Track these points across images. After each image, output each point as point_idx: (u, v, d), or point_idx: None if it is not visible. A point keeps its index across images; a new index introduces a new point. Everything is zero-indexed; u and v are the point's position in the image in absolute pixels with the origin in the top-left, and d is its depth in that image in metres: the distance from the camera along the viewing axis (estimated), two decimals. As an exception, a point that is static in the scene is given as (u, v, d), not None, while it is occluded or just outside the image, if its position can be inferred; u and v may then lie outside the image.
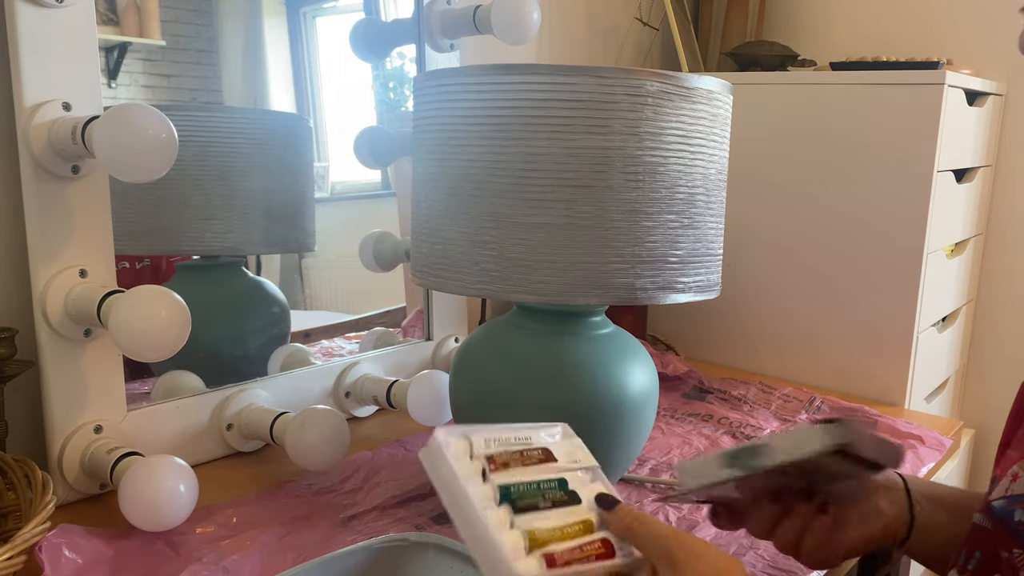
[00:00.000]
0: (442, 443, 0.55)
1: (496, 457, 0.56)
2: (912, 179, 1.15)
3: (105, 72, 0.85)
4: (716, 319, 1.36)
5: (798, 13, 1.63)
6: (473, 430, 0.57)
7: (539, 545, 0.50)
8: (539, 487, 0.55)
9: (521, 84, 0.68)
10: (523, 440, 0.58)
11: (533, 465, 0.56)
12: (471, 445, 0.56)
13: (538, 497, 0.54)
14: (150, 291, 0.68)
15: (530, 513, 0.53)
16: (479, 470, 0.54)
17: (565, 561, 0.50)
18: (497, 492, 0.53)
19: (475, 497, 0.52)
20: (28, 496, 0.67)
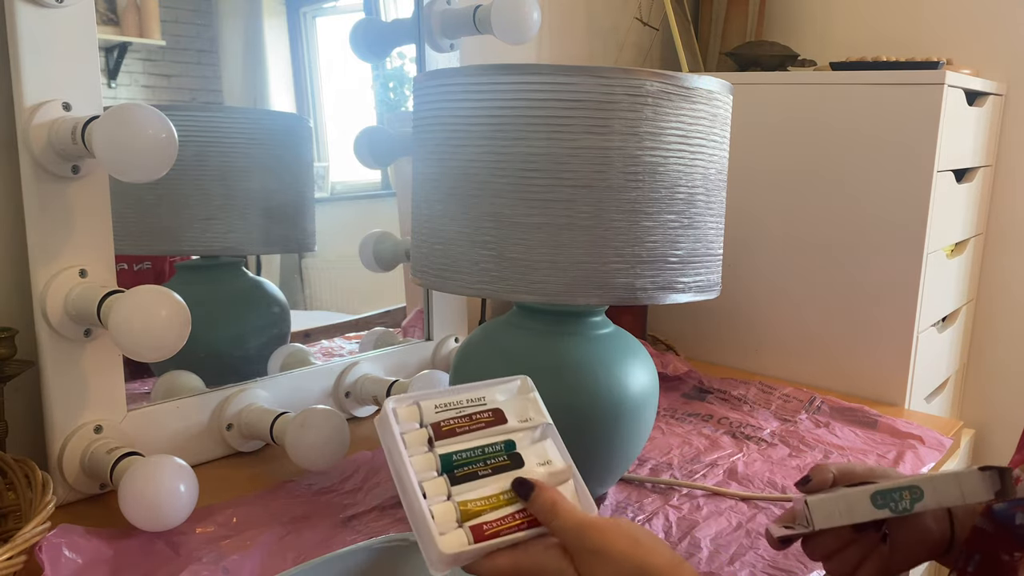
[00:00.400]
0: (390, 411, 0.55)
1: (443, 424, 0.56)
2: (912, 179, 1.15)
3: (105, 72, 0.85)
4: (716, 319, 1.36)
5: (798, 13, 1.63)
6: (425, 395, 0.57)
7: (470, 516, 0.51)
8: (483, 452, 0.55)
9: (521, 84, 0.68)
10: (476, 401, 0.58)
11: (480, 429, 0.57)
12: (420, 411, 0.56)
13: (479, 464, 0.54)
14: (150, 291, 0.68)
15: (469, 482, 0.53)
16: (424, 438, 0.55)
17: (493, 532, 0.50)
18: (439, 461, 0.54)
19: (415, 468, 0.53)
20: (28, 496, 0.67)
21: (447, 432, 0.56)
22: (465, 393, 0.59)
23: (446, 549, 0.49)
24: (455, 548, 0.49)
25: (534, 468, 0.55)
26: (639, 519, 0.79)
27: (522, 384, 0.61)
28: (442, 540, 0.49)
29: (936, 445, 1.02)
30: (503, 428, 0.57)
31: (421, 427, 0.56)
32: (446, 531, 0.50)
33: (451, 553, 0.49)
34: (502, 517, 0.51)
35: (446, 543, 0.49)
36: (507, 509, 0.52)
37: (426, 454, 0.54)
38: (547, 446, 0.58)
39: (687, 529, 0.78)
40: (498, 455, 0.56)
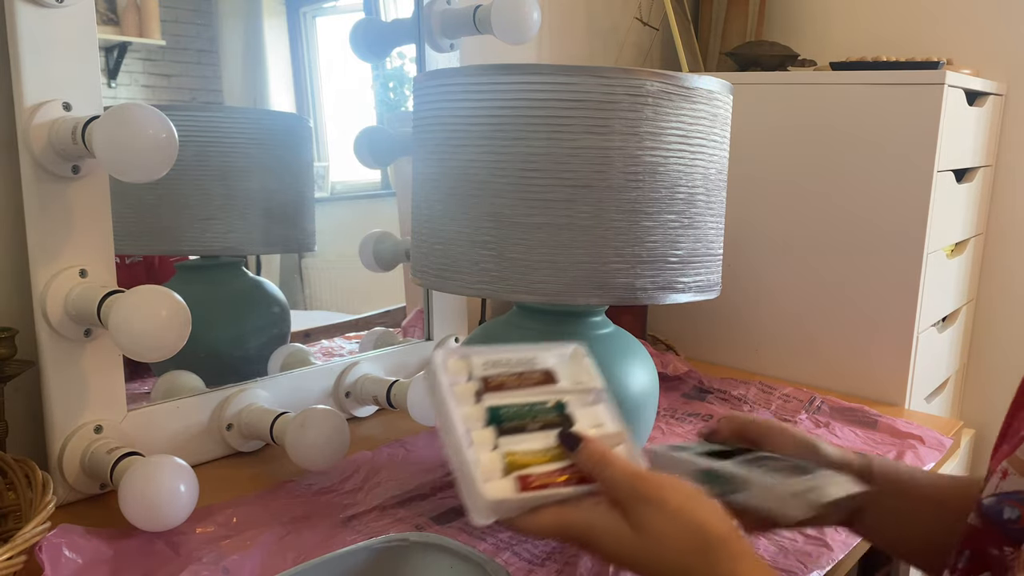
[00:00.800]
0: (439, 364, 0.55)
1: (492, 379, 0.55)
2: (912, 179, 1.15)
3: (105, 72, 0.85)
4: (716, 319, 1.36)
5: (798, 13, 1.63)
6: (475, 351, 0.56)
7: (517, 468, 0.50)
8: (531, 408, 0.54)
9: (521, 84, 0.68)
10: (526, 361, 0.57)
11: (530, 387, 0.56)
12: (470, 365, 0.56)
13: (527, 419, 0.53)
14: (150, 291, 0.68)
15: (516, 435, 0.52)
16: (473, 391, 0.54)
17: (540, 484, 0.49)
18: (486, 414, 0.53)
19: (462, 418, 0.52)
20: (28, 496, 0.67)
21: (496, 387, 0.55)
22: (516, 353, 0.58)
23: (490, 495, 0.48)
24: (499, 495, 0.48)
25: (585, 429, 0.54)
26: (639, 519, 0.79)
27: (575, 350, 0.60)
28: (487, 487, 0.48)
29: (936, 445, 1.02)
30: (554, 388, 0.56)
31: (470, 380, 0.55)
32: (491, 479, 0.49)
33: (495, 499, 0.48)
34: (549, 471, 0.50)
35: (491, 489, 0.48)
36: (555, 465, 0.51)
37: (474, 406, 0.53)
38: (599, 410, 0.56)
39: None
40: (547, 412, 0.54)
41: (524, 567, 0.69)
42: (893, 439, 1.04)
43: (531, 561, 0.70)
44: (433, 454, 0.92)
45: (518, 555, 0.71)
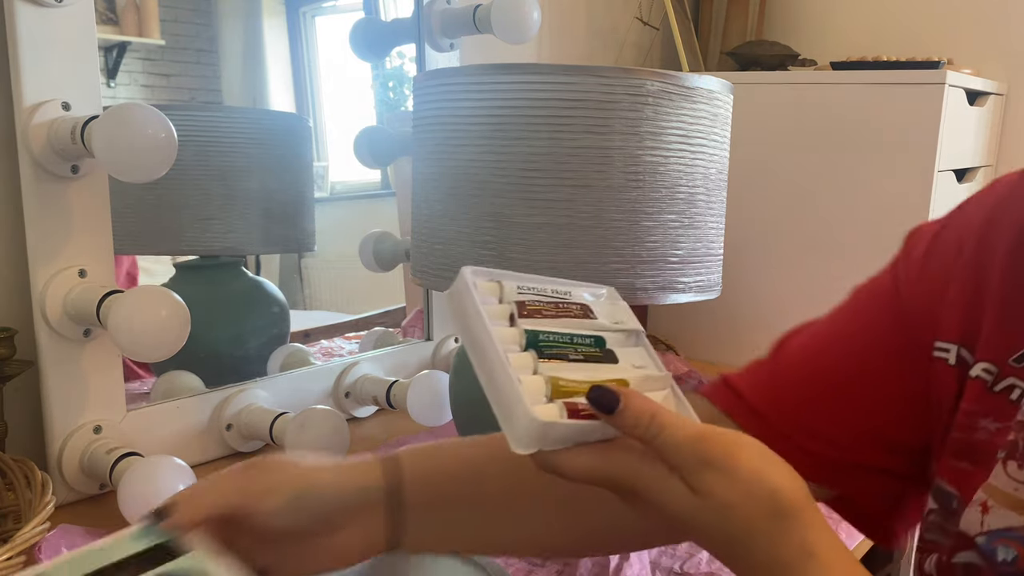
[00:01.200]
0: (469, 282, 0.49)
1: (528, 304, 0.50)
2: (913, 179, 1.15)
3: (104, 72, 0.85)
4: (716, 319, 1.36)
5: (798, 13, 1.63)
6: (505, 275, 0.51)
7: (562, 395, 0.43)
8: (572, 339, 0.48)
9: (521, 84, 0.68)
10: (561, 294, 0.52)
11: (568, 318, 0.50)
12: (502, 289, 0.50)
13: (569, 348, 0.47)
14: (150, 291, 0.68)
15: (558, 362, 0.46)
16: (507, 314, 0.48)
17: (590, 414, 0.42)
18: (524, 337, 0.47)
19: (497, 337, 0.45)
20: (27, 496, 0.67)
21: (532, 312, 0.49)
22: (549, 284, 0.52)
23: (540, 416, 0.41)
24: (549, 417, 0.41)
25: (629, 367, 0.48)
26: (639, 519, 0.78)
27: (610, 292, 0.55)
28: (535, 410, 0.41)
29: (936, 445, 1.02)
30: (593, 323, 0.50)
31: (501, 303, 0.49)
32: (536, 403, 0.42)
33: (545, 421, 0.41)
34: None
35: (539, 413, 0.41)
36: None
37: (509, 328, 0.47)
38: (640, 352, 0.51)
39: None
40: (589, 346, 0.48)
41: (524, 567, 0.69)
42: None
43: (531, 561, 0.70)
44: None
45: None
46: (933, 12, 1.50)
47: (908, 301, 0.52)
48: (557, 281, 0.52)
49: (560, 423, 0.41)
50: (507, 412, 0.43)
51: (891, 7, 1.54)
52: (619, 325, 0.51)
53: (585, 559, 0.70)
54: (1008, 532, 0.44)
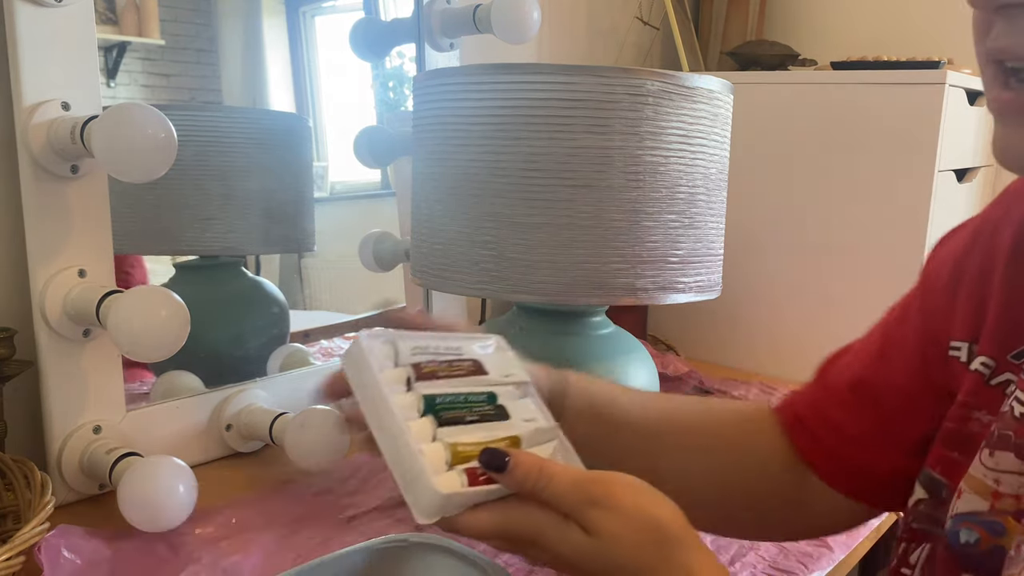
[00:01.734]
0: (365, 348, 0.50)
1: (423, 366, 0.51)
2: (913, 179, 1.15)
3: (104, 72, 0.85)
4: (716, 319, 1.36)
5: (798, 12, 1.63)
6: (400, 335, 0.52)
7: (461, 460, 0.46)
8: (466, 399, 0.50)
9: (521, 84, 0.68)
10: (453, 350, 0.54)
11: (461, 376, 0.52)
12: (397, 352, 0.51)
13: (464, 410, 0.49)
14: (150, 291, 0.68)
15: (455, 426, 0.48)
16: (403, 378, 0.50)
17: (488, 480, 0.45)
18: (421, 402, 0.48)
19: (397, 406, 0.47)
20: (27, 497, 0.67)
21: (428, 375, 0.50)
22: (441, 341, 0.54)
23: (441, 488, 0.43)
24: (450, 488, 0.43)
25: (519, 422, 0.51)
26: (639, 520, 0.78)
27: (497, 342, 0.57)
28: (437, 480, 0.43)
29: (937, 445, 1.02)
30: (484, 379, 0.53)
31: (397, 367, 0.51)
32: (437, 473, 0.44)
33: (446, 493, 0.43)
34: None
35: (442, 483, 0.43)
36: None
37: (407, 393, 0.49)
38: (529, 404, 0.53)
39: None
40: (482, 404, 0.51)
41: (524, 567, 0.69)
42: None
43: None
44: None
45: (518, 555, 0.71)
46: (933, 12, 1.50)
47: (930, 306, 0.53)
48: (448, 336, 0.55)
49: (460, 492, 0.43)
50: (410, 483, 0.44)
51: (891, 7, 1.54)
52: (509, 378, 0.54)
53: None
54: (972, 516, 0.45)
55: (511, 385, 0.54)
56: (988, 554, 0.44)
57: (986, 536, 0.44)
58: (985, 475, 0.45)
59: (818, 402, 0.60)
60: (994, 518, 0.44)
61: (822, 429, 0.58)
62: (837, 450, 0.57)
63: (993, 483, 0.44)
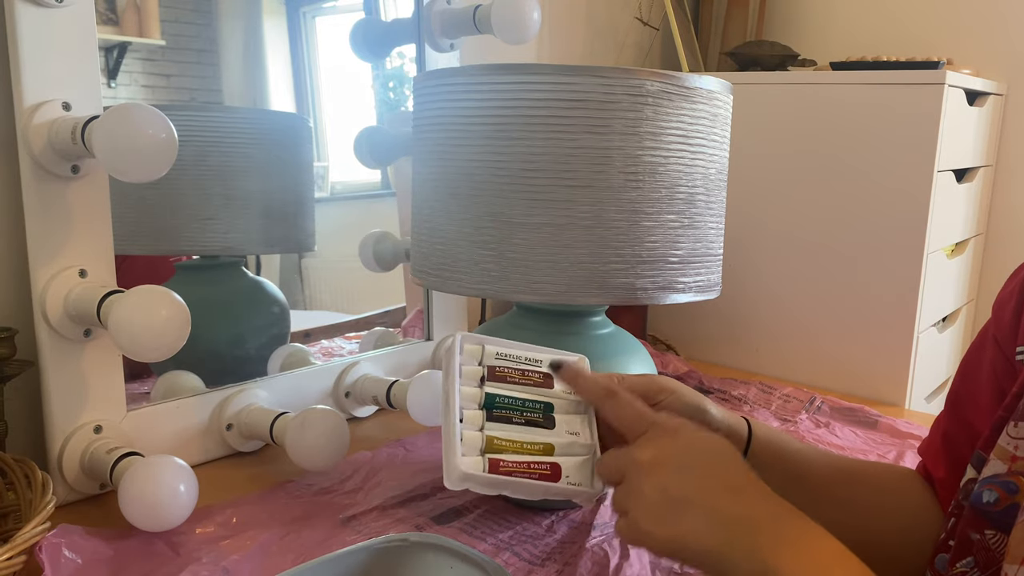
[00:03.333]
0: (458, 344, 0.62)
1: (498, 369, 0.62)
2: (912, 179, 1.15)
3: (105, 72, 0.85)
4: (716, 319, 1.36)
5: (798, 13, 1.63)
6: (490, 340, 0.64)
7: (493, 450, 0.57)
8: (523, 404, 0.61)
9: (521, 84, 0.68)
10: (532, 360, 0.64)
11: (527, 385, 0.62)
12: (483, 352, 0.63)
13: (516, 412, 0.60)
14: (150, 291, 0.68)
15: (502, 424, 0.59)
16: (478, 375, 0.62)
17: (507, 471, 0.56)
18: (483, 398, 0.60)
19: (461, 396, 0.60)
20: (28, 496, 0.67)
21: (499, 377, 0.62)
22: (526, 351, 0.64)
23: (463, 467, 0.55)
24: (470, 469, 0.55)
25: (562, 433, 0.60)
26: (639, 519, 0.79)
27: (580, 360, 0.65)
28: (463, 460, 0.56)
29: (936, 445, 1.02)
30: (548, 391, 0.62)
31: (479, 365, 0.62)
32: (469, 455, 0.56)
33: (465, 472, 0.55)
34: (520, 461, 0.57)
35: (465, 462, 0.56)
36: (527, 457, 0.58)
37: (475, 388, 0.61)
38: (580, 420, 0.61)
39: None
40: (535, 411, 0.61)
41: (524, 567, 0.69)
42: (893, 439, 1.04)
43: (531, 561, 0.70)
44: (433, 454, 0.92)
45: (518, 555, 0.71)
46: (933, 12, 1.50)
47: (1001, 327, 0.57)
48: (533, 348, 0.65)
49: (476, 474, 0.55)
50: (447, 457, 0.57)
51: (891, 7, 1.54)
52: (570, 395, 0.62)
53: (585, 559, 0.70)
54: (994, 478, 0.50)
55: (572, 401, 0.62)
56: (1004, 512, 0.48)
57: (1003, 495, 0.49)
58: (1008, 443, 0.49)
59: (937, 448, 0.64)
60: (1009, 479, 0.49)
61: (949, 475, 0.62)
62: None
63: (1012, 449, 0.49)
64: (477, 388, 0.61)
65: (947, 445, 0.62)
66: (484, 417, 0.59)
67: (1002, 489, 0.49)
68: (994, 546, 0.49)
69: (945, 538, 0.54)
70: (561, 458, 0.58)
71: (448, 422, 0.58)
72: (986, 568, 0.50)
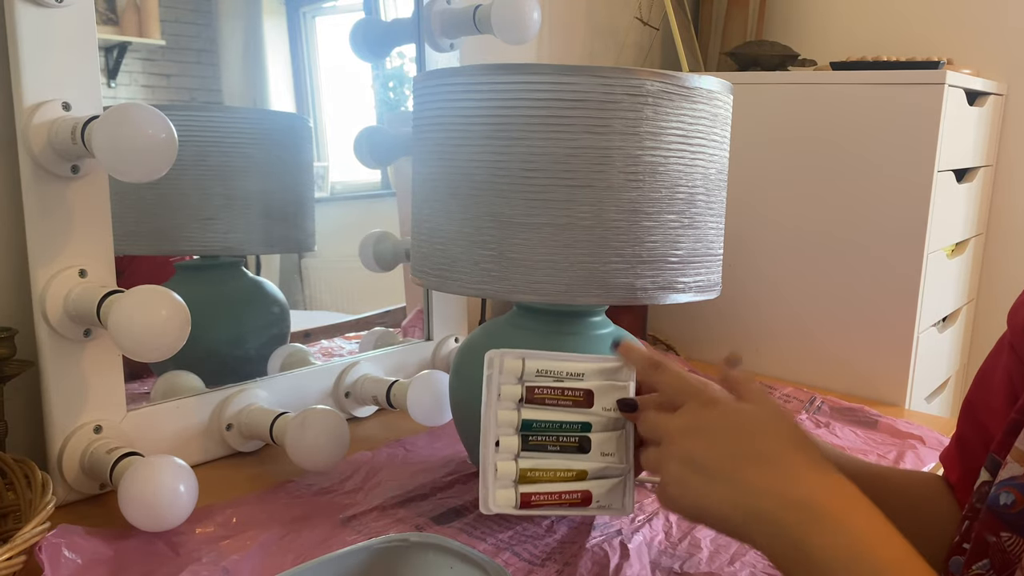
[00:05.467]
0: (496, 362, 0.64)
1: (536, 390, 0.63)
2: (912, 179, 1.15)
3: (105, 72, 0.85)
4: (716, 319, 1.36)
5: (798, 13, 1.63)
6: (532, 355, 0.65)
7: (527, 481, 0.60)
8: (560, 427, 0.63)
9: (521, 84, 0.68)
10: (574, 375, 0.65)
11: (567, 407, 0.64)
12: (523, 369, 0.64)
13: (552, 437, 0.63)
14: (150, 291, 0.68)
15: (537, 451, 0.62)
16: (517, 396, 0.63)
17: (539, 504, 0.60)
18: (520, 422, 0.62)
19: (499, 421, 0.62)
20: (28, 496, 0.67)
21: (538, 400, 0.63)
22: (567, 363, 0.65)
23: (494, 506, 0.59)
24: (502, 507, 0.60)
25: (596, 456, 0.63)
26: (639, 519, 0.79)
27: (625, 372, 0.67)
28: (496, 494, 0.60)
29: (936, 445, 1.02)
30: (586, 411, 0.64)
31: (519, 381, 0.63)
32: (503, 487, 0.60)
33: (497, 509, 0.60)
34: (552, 492, 0.60)
35: (498, 498, 0.60)
36: (560, 486, 0.61)
37: (512, 411, 0.63)
38: (617, 437, 0.64)
39: (687, 529, 0.78)
40: (571, 433, 0.63)
41: (524, 567, 0.69)
42: (893, 439, 1.04)
43: (531, 561, 0.70)
44: (433, 454, 0.92)
45: (518, 555, 0.71)
46: (933, 12, 1.50)
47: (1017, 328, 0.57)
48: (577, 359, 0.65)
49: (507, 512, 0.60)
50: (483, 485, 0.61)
51: (891, 7, 1.54)
52: (609, 411, 0.64)
53: (585, 559, 0.70)
54: (1012, 480, 0.50)
55: (609, 419, 0.64)
56: (1021, 514, 0.49)
57: (1020, 497, 0.49)
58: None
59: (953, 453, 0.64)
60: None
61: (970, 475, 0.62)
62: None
63: None
64: (514, 411, 0.63)
65: (962, 450, 0.62)
66: (519, 444, 0.62)
67: (1019, 491, 0.49)
68: (1010, 548, 0.49)
69: (959, 541, 0.54)
70: (593, 482, 0.61)
71: (485, 451, 0.61)
72: (1002, 570, 0.49)
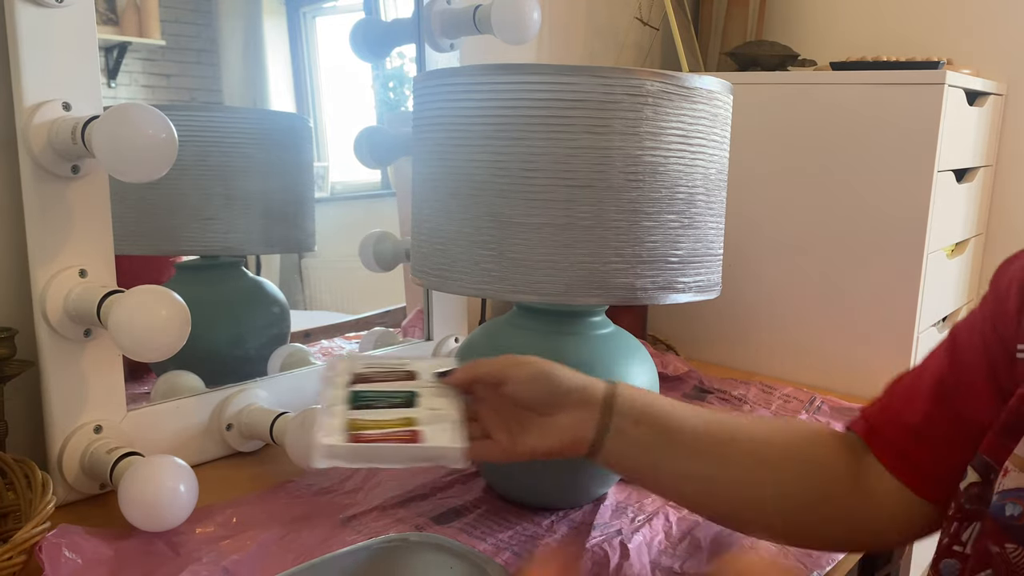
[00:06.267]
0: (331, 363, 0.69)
1: (363, 374, 0.68)
2: (912, 179, 1.15)
3: (105, 72, 0.85)
4: (716, 319, 1.36)
5: (798, 13, 1.63)
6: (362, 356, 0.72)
7: (355, 429, 0.60)
8: (385, 394, 0.65)
9: (521, 84, 0.68)
10: (398, 365, 0.70)
11: (393, 381, 0.67)
12: (353, 366, 0.69)
13: (379, 400, 0.64)
14: (150, 291, 0.68)
15: (365, 409, 0.63)
16: (346, 382, 0.66)
17: (369, 439, 0.59)
18: (349, 396, 0.65)
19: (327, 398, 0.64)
20: (28, 496, 0.67)
21: (363, 379, 0.67)
22: (394, 360, 0.70)
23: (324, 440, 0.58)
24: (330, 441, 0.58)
25: (424, 411, 0.63)
26: (639, 519, 0.79)
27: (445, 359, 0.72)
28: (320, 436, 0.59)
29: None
30: (411, 384, 0.67)
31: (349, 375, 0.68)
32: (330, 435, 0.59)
33: (326, 444, 0.58)
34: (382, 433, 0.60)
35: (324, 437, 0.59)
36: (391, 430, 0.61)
37: (342, 389, 0.65)
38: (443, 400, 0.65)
39: (687, 529, 0.78)
40: (399, 398, 0.65)
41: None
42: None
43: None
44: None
45: (518, 555, 0.71)
46: (933, 12, 1.50)
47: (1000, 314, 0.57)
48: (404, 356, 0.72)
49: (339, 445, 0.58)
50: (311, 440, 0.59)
51: (891, 7, 1.54)
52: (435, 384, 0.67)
53: (585, 559, 0.70)
54: (1017, 491, 0.49)
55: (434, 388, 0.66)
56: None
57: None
58: None
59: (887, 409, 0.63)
60: None
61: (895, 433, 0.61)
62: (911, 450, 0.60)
63: None
64: (344, 389, 0.65)
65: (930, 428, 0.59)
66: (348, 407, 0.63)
67: None
68: (1015, 560, 0.49)
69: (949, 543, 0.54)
70: (421, 427, 0.61)
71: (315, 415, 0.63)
72: None
